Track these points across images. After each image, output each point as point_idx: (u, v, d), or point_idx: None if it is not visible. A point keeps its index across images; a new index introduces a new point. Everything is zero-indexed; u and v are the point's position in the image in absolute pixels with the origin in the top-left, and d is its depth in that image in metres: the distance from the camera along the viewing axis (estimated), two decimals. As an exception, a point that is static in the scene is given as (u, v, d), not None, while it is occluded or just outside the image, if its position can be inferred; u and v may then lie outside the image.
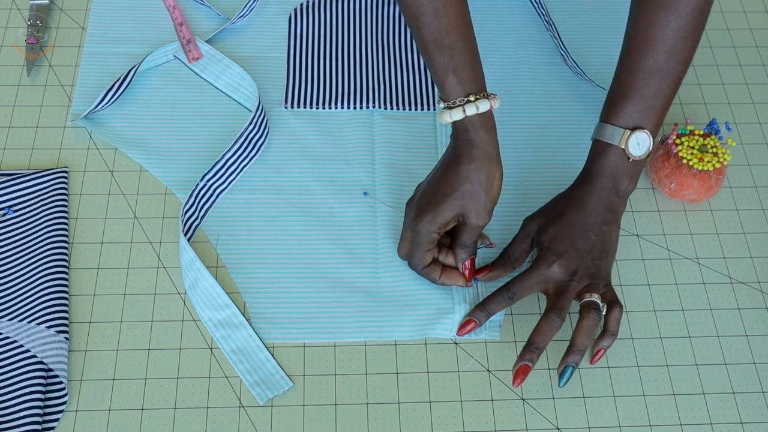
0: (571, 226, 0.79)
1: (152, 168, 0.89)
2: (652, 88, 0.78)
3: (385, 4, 1.02)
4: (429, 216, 0.78)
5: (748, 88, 0.99)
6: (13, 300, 0.79)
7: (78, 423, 0.74)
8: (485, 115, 0.78)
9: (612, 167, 0.80)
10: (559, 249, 0.78)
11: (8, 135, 0.91)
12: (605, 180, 0.80)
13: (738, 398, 0.78)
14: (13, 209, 0.84)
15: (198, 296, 0.80)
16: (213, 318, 0.80)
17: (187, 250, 0.81)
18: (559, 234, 0.79)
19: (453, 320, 0.80)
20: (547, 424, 0.76)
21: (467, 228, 0.79)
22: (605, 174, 0.80)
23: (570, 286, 0.77)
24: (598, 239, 0.79)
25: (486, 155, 0.77)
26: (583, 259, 0.78)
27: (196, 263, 0.80)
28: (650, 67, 0.78)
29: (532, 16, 1.03)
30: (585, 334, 0.76)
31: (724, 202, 0.90)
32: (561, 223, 0.79)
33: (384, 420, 0.76)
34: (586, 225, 0.79)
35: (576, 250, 0.78)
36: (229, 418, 0.75)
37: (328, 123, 0.93)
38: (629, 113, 0.79)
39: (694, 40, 0.78)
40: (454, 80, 0.76)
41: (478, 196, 0.77)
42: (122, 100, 0.93)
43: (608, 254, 0.80)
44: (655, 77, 0.78)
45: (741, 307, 0.84)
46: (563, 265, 0.77)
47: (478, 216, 0.78)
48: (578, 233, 0.78)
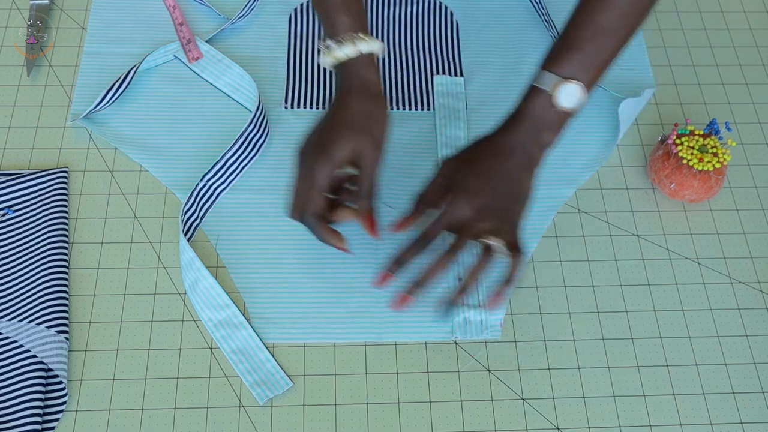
0: (482, 167, 0.78)
1: (152, 168, 0.89)
2: (596, 45, 0.77)
3: (385, 4, 1.02)
4: (324, 155, 0.75)
5: (748, 88, 0.99)
6: (13, 300, 0.79)
7: (78, 423, 0.74)
8: (372, 58, 0.78)
9: (538, 114, 0.78)
10: (469, 188, 0.77)
11: (8, 135, 0.91)
12: (528, 125, 0.78)
13: (738, 398, 0.78)
14: (13, 209, 0.84)
15: (198, 296, 0.80)
16: (213, 318, 0.80)
17: (187, 250, 0.81)
18: (472, 174, 0.78)
19: (453, 321, 0.80)
20: (547, 424, 0.76)
21: (363, 168, 0.77)
22: (529, 119, 0.78)
23: (474, 227, 0.76)
24: (509, 184, 0.78)
25: (375, 94, 0.78)
26: (493, 201, 0.77)
27: (195, 263, 0.80)
28: (599, 24, 0.77)
29: (532, 16, 1.03)
30: (473, 274, 0.76)
31: (724, 202, 0.90)
32: (475, 164, 0.79)
33: (384, 420, 0.76)
34: (500, 168, 0.78)
35: (486, 189, 0.77)
36: (229, 418, 0.75)
37: (328, 123, 0.93)
38: (567, 64, 0.77)
39: (644, 8, 0.78)
40: (346, 19, 0.78)
41: (371, 129, 0.77)
42: (122, 100, 0.93)
43: (519, 200, 0.79)
44: (602, 35, 0.77)
45: (741, 307, 0.84)
46: (470, 205, 0.76)
47: (373, 149, 0.76)
48: (490, 174, 0.78)
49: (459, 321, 0.81)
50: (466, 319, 0.81)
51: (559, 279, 0.84)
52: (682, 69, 1.00)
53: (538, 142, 0.79)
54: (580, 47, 0.78)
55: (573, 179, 0.91)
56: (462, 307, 0.81)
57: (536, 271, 0.85)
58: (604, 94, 0.96)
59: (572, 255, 0.86)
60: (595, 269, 0.85)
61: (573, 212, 0.89)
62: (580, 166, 0.92)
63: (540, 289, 0.84)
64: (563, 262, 0.85)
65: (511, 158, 0.78)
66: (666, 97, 0.98)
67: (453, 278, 0.83)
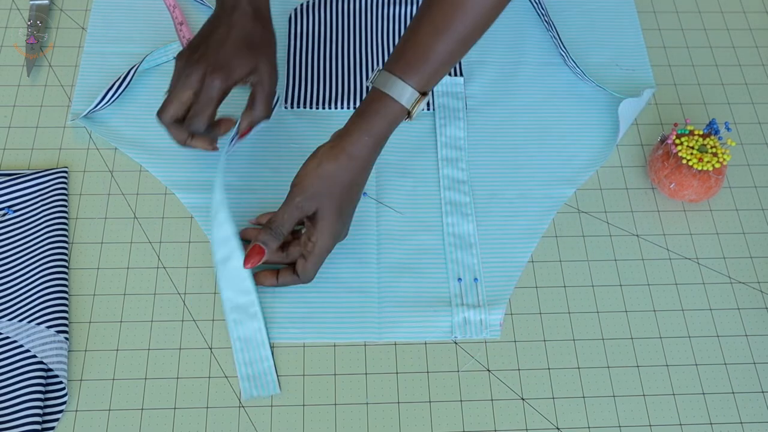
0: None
1: (152, 168, 0.89)
2: (453, 55, 0.76)
3: (385, 4, 1.02)
4: (223, 72, 0.77)
5: (747, 88, 0.99)
6: (13, 300, 0.79)
7: (78, 423, 0.74)
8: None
9: (372, 113, 0.77)
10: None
11: (8, 135, 0.91)
12: (361, 121, 0.77)
13: (738, 398, 0.78)
14: (13, 209, 0.84)
15: (225, 273, 0.79)
16: (232, 299, 0.79)
17: (228, 224, 0.79)
18: None
19: (452, 322, 0.81)
20: (547, 424, 0.76)
21: (261, 86, 0.80)
22: (363, 118, 0.77)
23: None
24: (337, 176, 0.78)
25: (266, 16, 0.82)
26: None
27: (233, 241, 0.79)
28: (458, 31, 0.74)
29: (532, 16, 1.03)
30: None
31: (724, 202, 0.90)
32: None
33: (384, 420, 0.76)
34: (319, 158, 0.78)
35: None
36: (229, 418, 0.75)
37: (328, 123, 0.93)
38: (423, 75, 0.75)
39: (486, 24, 0.76)
40: None
41: (267, 50, 0.79)
42: (122, 100, 0.93)
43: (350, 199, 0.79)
44: (459, 47, 0.75)
45: (741, 307, 0.84)
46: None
47: (270, 66, 0.80)
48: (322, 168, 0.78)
49: (459, 321, 0.81)
50: (465, 319, 0.81)
51: (559, 279, 0.84)
52: (682, 69, 1.00)
53: (371, 134, 0.78)
54: (438, 59, 0.75)
55: (573, 179, 0.91)
56: (461, 308, 0.81)
57: (536, 271, 0.85)
58: (604, 94, 0.96)
59: (572, 255, 0.86)
60: (594, 269, 0.85)
61: (573, 212, 0.89)
62: (580, 166, 0.92)
63: (540, 289, 0.84)
64: (563, 262, 0.85)
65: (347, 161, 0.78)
66: (666, 97, 0.98)
67: (453, 279, 0.83)
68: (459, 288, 0.83)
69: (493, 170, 0.90)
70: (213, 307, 0.81)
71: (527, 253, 0.86)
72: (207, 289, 0.82)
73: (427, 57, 0.75)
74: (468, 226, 0.86)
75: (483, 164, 0.91)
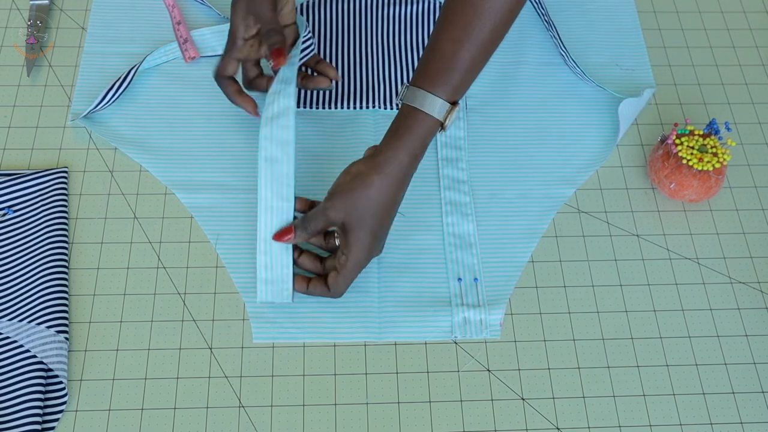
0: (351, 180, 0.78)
1: (152, 168, 0.89)
2: (458, 59, 0.75)
3: (385, 4, 1.02)
4: (241, 11, 0.84)
5: (747, 88, 0.99)
6: (13, 300, 0.79)
7: (78, 423, 0.74)
8: None
9: (405, 129, 0.77)
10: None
11: (8, 135, 0.91)
12: (397, 141, 0.77)
13: (738, 398, 0.78)
14: (13, 209, 0.84)
15: (269, 173, 0.80)
16: (269, 200, 0.80)
17: (289, 130, 0.81)
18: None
19: (452, 322, 0.81)
20: (547, 424, 0.76)
21: (266, 29, 0.84)
22: (398, 135, 0.77)
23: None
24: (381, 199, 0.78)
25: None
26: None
27: (289, 147, 0.80)
28: (478, 38, 0.75)
29: (532, 15, 1.03)
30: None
31: (724, 202, 0.90)
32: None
33: (384, 420, 0.76)
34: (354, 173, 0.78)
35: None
36: (229, 418, 0.75)
37: (328, 123, 0.93)
38: (450, 85, 0.75)
39: (484, 15, 0.75)
40: None
41: None
42: (122, 100, 0.93)
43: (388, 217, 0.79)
44: (481, 53, 0.76)
45: (741, 307, 0.84)
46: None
47: (267, 17, 0.83)
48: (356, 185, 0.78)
49: (459, 321, 0.81)
50: (465, 318, 0.81)
51: (559, 279, 0.84)
52: (682, 69, 1.00)
53: (410, 152, 0.77)
54: (463, 67, 0.75)
55: (573, 179, 0.91)
56: (460, 308, 0.81)
57: (536, 271, 0.85)
58: (604, 94, 0.96)
59: (572, 255, 0.86)
60: (595, 269, 0.85)
61: (573, 212, 0.89)
62: (580, 166, 0.92)
63: (540, 289, 0.84)
64: (563, 262, 0.85)
65: (385, 177, 0.77)
66: (666, 97, 0.98)
67: (453, 279, 0.83)
68: (459, 288, 0.83)
69: (493, 170, 0.90)
70: (213, 307, 0.81)
71: (527, 253, 0.86)
72: (207, 289, 0.82)
73: (452, 66, 0.75)
74: (468, 225, 0.86)
75: (483, 164, 0.91)
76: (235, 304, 0.81)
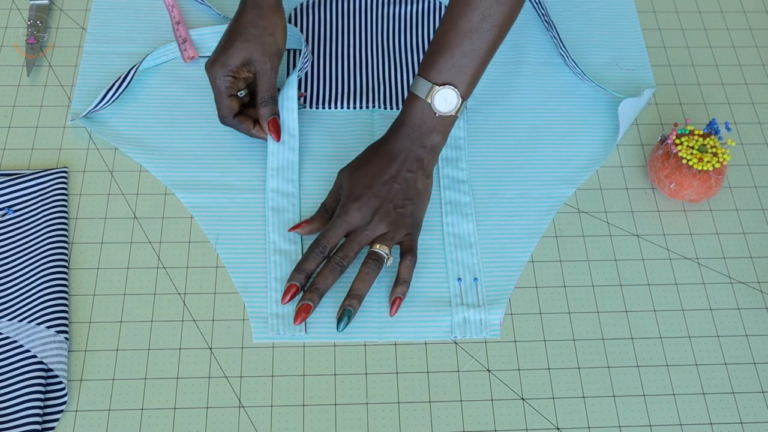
0: (371, 172, 0.82)
1: (152, 168, 0.89)
2: (465, 48, 0.80)
3: (385, 4, 1.02)
4: (219, 61, 0.85)
5: (748, 88, 0.99)
6: (13, 300, 0.79)
7: (78, 423, 0.74)
8: None
9: (419, 119, 0.82)
10: (357, 194, 0.81)
11: (8, 135, 0.91)
12: (411, 130, 0.82)
13: (738, 398, 0.78)
14: (13, 209, 0.84)
15: (276, 220, 0.84)
16: (277, 243, 0.84)
17: (292, 184, 0.86)
18: (360, 180, 0.82)
19: (452, 321, 0.81)
20: (547, 424, 0.76)
21: (258, 77, 0.86)
22: (412, 125, 0.82)
23: (362, 234, 0.79)
24: (400, 186, 0.81)
25: (268, 5, 0.86)
26: (382, 206, 0.80)
27: (294, 198, 0.85)
28: (464, 26, 0.80)
29: (532, 15, 1.03)
30: (361, 280, 0.79)
31: (724, 202, 0.90)
32: (363, 170, 0.82)
33: (384, 420, 0.76)
34: (387, 172, 0.81)
35: (375, 195, 0.80)
36: (229, 418, 0.75)
37: (328, 123, 0.93)
38: (440, 69, 0.81)
39: (510, 6, 0.80)
40: None
41: (263, 39, 0.85)
42: (122, 99, 0.93)
43: (413, 202, 0.82)
44: (469, 37, 0.80)
45: (741, 307, 0.84)
46: (361, 210, 0.80)
47: (264, 57, 0.85)
48: (378, 179, 0.81)
49: (458, 321, 0.81)
50: (465, 318, 0.81)
51: (559, 279, 0.84)
52: (682, 69, 1.00)
53: (424, 144, 0.82)
54: (449, 51, 0.81)
55: (573, 179, 0.91)
56: (460, 308, 0.81)
57: (536, 271, 0.85)
58: (604, 94, 0.96)
59: (572, 255, 0.86)
60: (595, 269, 0.85)
61: (573, 212, 0.89)
62: (580, 166, 0.92)
63: (540, 289, 0.84)
64: (563, 262, 0.85)
65: (398, 161, 0.82)
66: (666, 97, 0.98)
67: (453, 278, 0.83)
68: (459, 288, 0.83)
69: (493, 170, 0.90)
70: (213, 307, 0.81)
71: (527, 253, 0.86)
72: (207, 289, 0.82)
73: (438, 50, 0.81)
74: (468, 225, 0.86)
75: (483, 164, 0.91)
76: (235, 304, 0.81)
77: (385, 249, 0.80)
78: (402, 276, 0.80)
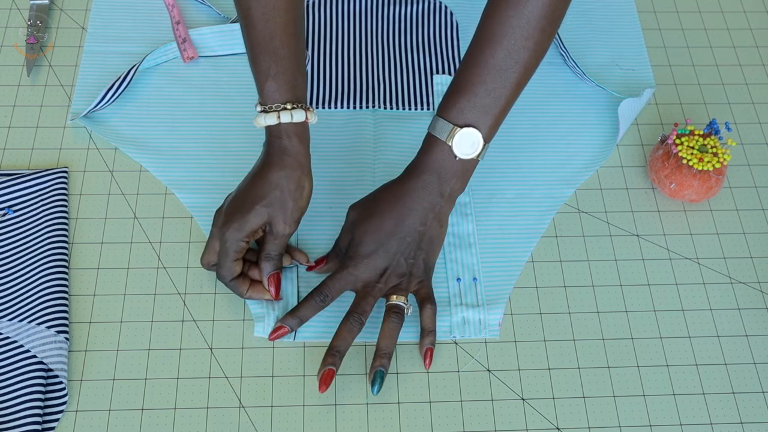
0: (383, 228, 0.77)
1: (152, 168, 0.89)
2: (488, 86, 0.74)
3: (385, 4, 1.02)
4: (236, 224, 0.76)
5: (748, 88, 0.99)
6: (13, 300, 0.79)
7: (78, 423, 0.74)
8: (300, 126, 0.77)
9: (438, 164, 0.76)
10: (367, 250, 0.77)
11: (8, 135, 0.91)
12: (430, 176, 0.76)
13: (738, 398, 0.78)
14: (13, 209, 0.84)
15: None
16: None
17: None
18: (370, 233, 0.77)
19: (451, 321, 0.81)
20: (547, 424, 0.76)
21: (272, 237, 0.77)
22: (431, 170, 0.76)
23: (375, 288, 0.77)
24: (412, 239, 0.77)
25: (297, 164, 0.77)
26: (393, 260, 0.77)
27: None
28: (487, 62, 0.73)
29: (532, 16, 1.03)
30: (386, 337, 0.76)
31: (724, 202, 0.90)
32: (374, 222, 0.77)
33: (384, 420, 0.76)
34: (400, 227, 0.77)
35: (386, 251, 0.77)
36: (229, 418, 0.75)
37: (328, 123, 0.93)
38: (461, 109, 0.74)
39: (538, 43, 0.74)
40: (273, 85, 0.76)
41: (286, 204, 0.76)
42: (122, 99, 0.93)
43: (426, 252, 0.78)
44: (492, 74, 0.74)
45: (741, 307, 0.84)
46: (371, 266, 0.77)
47: (284, 224, 0.77)
48: (389, 235, 0.77)
49: (458, 320, 0.81)
50: (464, 318, 0.81)
51: (559, 279, 0.84)
52: (682, 69, 1.00)
53: (442, 192, 0.77)
54: (472, 89, 0.74)
55: (573, 179, 0.91)
56: (459, 308, 0.81)
57: (536, 271, 0.85)
58: (604, 94, 0.96)
59: (572, 255, 0.86)
60: (595, 269, 0.85)
61: (573, 212, 0.89)
62: (580, 166, 0.92)
63: (540, 289, 0.84)
64: (563, 262, 0.85)
65: (412, 217, 0.77)
66: (666, 97, 0.98)
67: (452, 278, 0.83)
68: (458, 288, 0.83)
69: (493, 170, 0.90)
70: (213, 307, 0.81)
71: (527, 253, 0.86)
72: (207, 289, 0.82)
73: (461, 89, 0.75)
74: (467, 225, 0.86)
75: (483, 164, 0.90)
76: (235, 304, 0.81)
77: (402, 299, 0.77)
78: (427, 326, 0.78)
